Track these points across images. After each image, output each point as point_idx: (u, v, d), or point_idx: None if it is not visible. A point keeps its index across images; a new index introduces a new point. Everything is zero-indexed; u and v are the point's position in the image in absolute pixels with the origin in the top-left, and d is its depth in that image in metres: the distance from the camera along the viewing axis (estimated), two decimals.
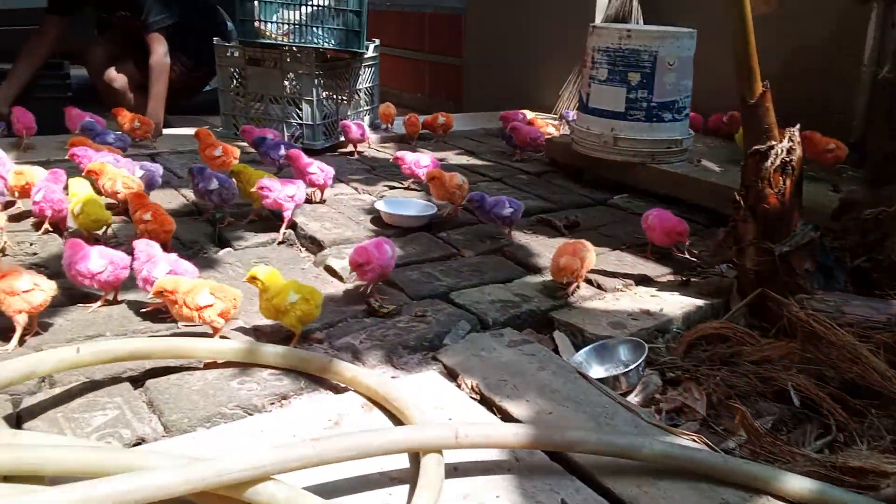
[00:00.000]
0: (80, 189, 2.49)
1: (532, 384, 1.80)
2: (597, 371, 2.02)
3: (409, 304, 2.27)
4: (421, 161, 3.38)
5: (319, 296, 2.00)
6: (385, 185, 3.52)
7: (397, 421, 1.63)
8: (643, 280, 2.54)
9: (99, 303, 2.10)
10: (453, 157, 4.20)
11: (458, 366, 1.90)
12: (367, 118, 4.64)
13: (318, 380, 1.81)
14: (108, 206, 2.60)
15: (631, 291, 2.45)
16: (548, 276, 2.50)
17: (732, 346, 2.06)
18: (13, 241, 2.51)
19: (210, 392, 1.72)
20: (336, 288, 2.40)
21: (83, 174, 2.79)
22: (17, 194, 2.60)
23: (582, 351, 2.05)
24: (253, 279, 1.99)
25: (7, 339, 1.85)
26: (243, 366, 1.84)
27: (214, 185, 2.79)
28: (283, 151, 3.33)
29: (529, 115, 4.94)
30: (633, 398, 1.92)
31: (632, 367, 1.93)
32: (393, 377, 1.89)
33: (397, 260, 2.58)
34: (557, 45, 5.45)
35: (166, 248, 2.35)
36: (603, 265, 2.61)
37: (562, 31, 5.39)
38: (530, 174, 3.87)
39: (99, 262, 2.04)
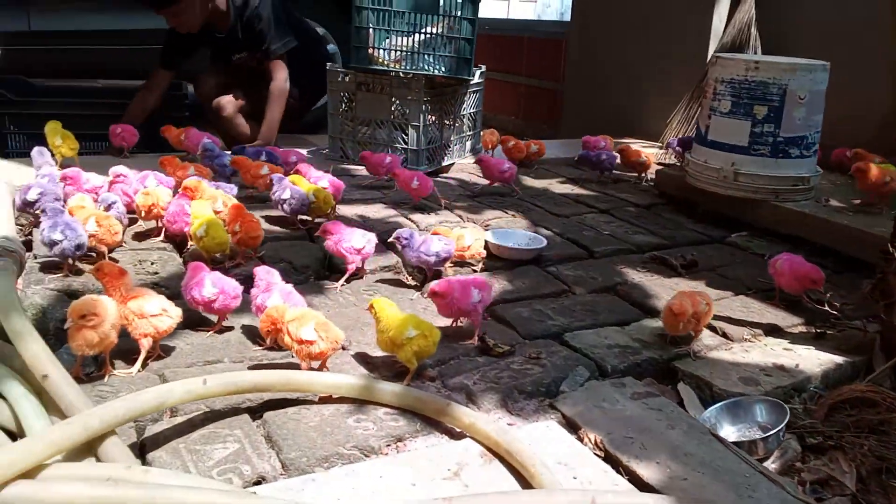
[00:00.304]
0: (203, 211, 2.54)
1: (662, 444, 1.68)
2: (728, 432, 1.88)
3: (521, 344, 2.18)
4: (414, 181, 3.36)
5: (437, 333, 1.95)
6: (491, 214, 3.45)
7: (519, 475, 1.54)
8: (773, 330, 2.37)
9: (212, 330, 2.11)
10: (556, 186, 4.10)
11: (579, 417, 1.80)
12: (468, 143, 4.61)
13: (434, 422, 1.75)
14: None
15: (760, 342, 2.29)
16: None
17: (881, 413, 1.88)
18: (135, 259, 2.58)
19: (327, 429, 1.68)
20: (445, 321, 2.34)
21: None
22: (143, 213, 2.67)
23: (712, 408, 1.91)
24: (371, 309, 1.98)
25: (131, 363, 1.88)
26: (358, 402, 1.80)
27: (287, 194, 2.92)
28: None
29: (631, 142, 4.78)
30: (771, 465, 1.77)
31: (772, 432, 1.78)
32: (509, 423, 1.81)
33: (507, 295, 2.52)
34: (666, 71, 5.28)
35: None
36: (727, 311, 2.46)
37: (672, 57, 5.23)
38: (639, 206, 3.73)
39: (211, 290, 2.05)
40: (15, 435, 1.50)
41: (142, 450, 1.55)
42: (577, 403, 1.86)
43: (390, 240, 2.62)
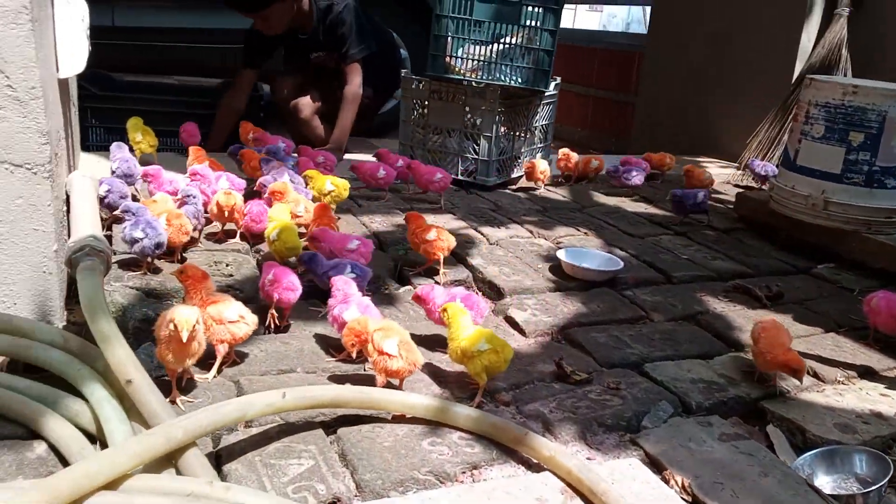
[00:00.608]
0: (279, 215, 2.53)
1: (754, 493, 1.58)
2: (823, 482, 1.76)
3: (599, 372, 2.10)
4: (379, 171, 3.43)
5: (510, 351, 1.90)
6: (562, 230, 3.37)
7: None
8: (867, 372, 2.23)
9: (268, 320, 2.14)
10: (629, 205, 3.98)
11: (664, 456, 1.71)
12: (538, 155, 4.53)
13: (510, 450, 1.69)
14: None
15: (855, 386, 2.15)
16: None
17: None
18: (210, 260, 2.59)
19: (402, 451, 1.63)
20: (518, 342, 2.28)
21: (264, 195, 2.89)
22: (225, 214, 2.67)
23: (806, 455, 1.79)
24: (443, 313, 1.97)
25: (206, 367, 1.87)
26: (432, 423, 1.75)
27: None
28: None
29: (703, 161, 4.63)
30: None
31: (874, 487, 1.65)
32: (588, 458, 1.73)
33: (582, 318, 2.44)
34: (747, 89, 5.10)
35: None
36: (818, 349, 2.32)
37: (755, 74, 5.05)
38: (717, 230, 3.59)
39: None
40: (94, 437, 1.50)
41: (217, 460, 1.53)
42: (661, 441, 1.77)
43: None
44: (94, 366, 1.60)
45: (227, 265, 2.56)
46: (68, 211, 2.28)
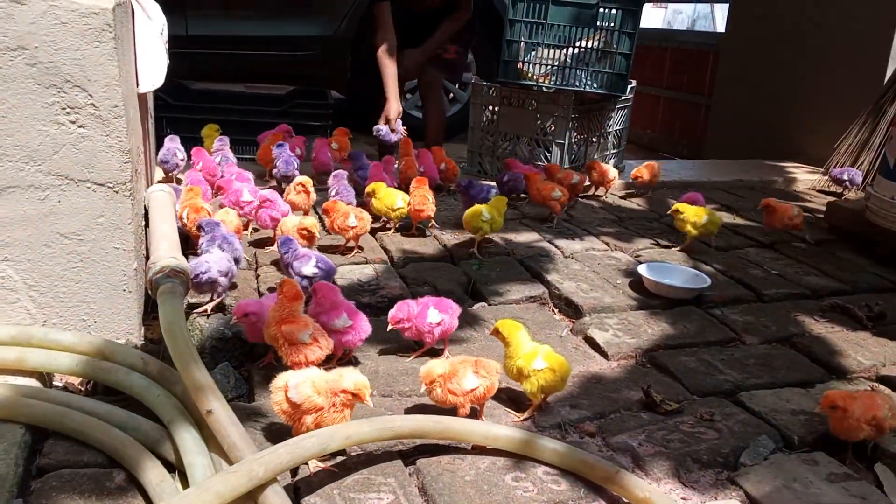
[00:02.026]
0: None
1: None
2: None
3: (690, 401, 1.97)
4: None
5: (568, 369, 1.84)
6: (641, 243, 3.23)
7: None
8: None
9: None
10: None
11: (767, 499, 1.58)
12: (612, 161, 4.39)
13: (600, 489, 1.59)
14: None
15: None
16: (858, 386, 2.09)
17: None
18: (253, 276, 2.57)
19: (484, 487, 1.55)
20: (600, 366, 2.17)
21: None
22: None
23: None
24: (496, 332, 1.91)
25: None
26: (515, 456, 1.66)
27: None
28: None
29: (789, 167, 4.38)
30: None
31: None
32: (682, 498, 1.62)
33: (668, 340, 2.31)
34: (834, 89, 4.83)
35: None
36: None
37: (842, 74, 4.77)
38: (807, 242, 3.38)
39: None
40: (173, 465, 1.48)
41: (296, 492, 1.49)
42: (763, 481, 1.64)
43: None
44: (172, 390, 1.58)
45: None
46: (146, 225, 2.29)
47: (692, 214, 3.05)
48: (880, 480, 1.74)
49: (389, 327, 2.06)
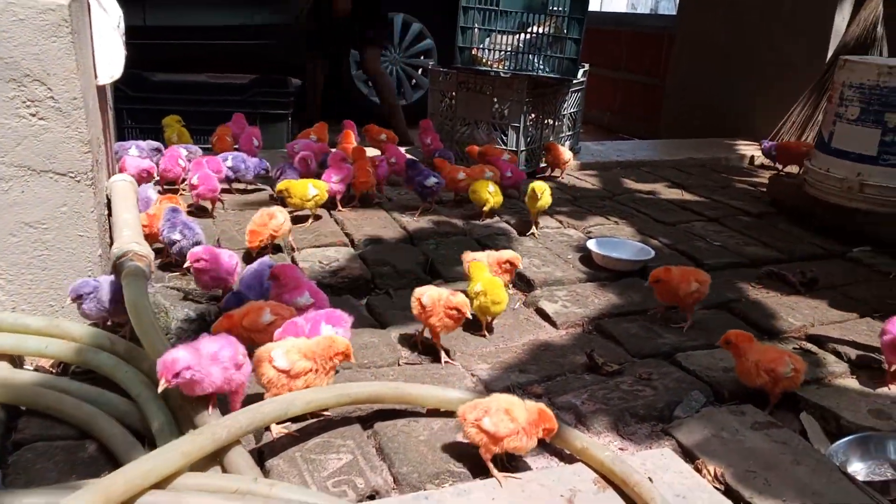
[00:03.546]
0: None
1: (788, 481, 1.59)
2: (857, 469, 1.76)
3: (630, 363, 2.12)
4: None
5: (501, 293, 2.19)
6: (593, 220, 3.37)
7: None
8: None
9: None
10: (662, 191, 3.96)
11: (697, 447, 1.72)
12: (567, 143, 4.52)
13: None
14: None
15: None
16: (788, 345, 2.25)
17: None
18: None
19: (437, 445, 1.68)
20: (549, 334, 2.31)
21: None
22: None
23: (840, 443, 1.79)
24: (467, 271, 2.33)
25: None
26: None
27: (432, 180, 3.18)
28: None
29: (739, 144, 4.56)
30: None
31: None
32: (620, 448, 1.76)
33: (614, 309, 2.45)
34: (779, 70, 5.01)
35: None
36: (853, 335, 2.31)
37: (786, 55, 4.96)
38: (751, 215, 3.55)
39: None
40: (143, 435, 1.57)
41: (260, 456, 1.59)
42: (694, 431, 1.78)
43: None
44: (140, 367, 1.67)
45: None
46: (109, 214, 2.36)
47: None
48: (804, 428, 1.90)
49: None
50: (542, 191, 2.99)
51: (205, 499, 1.21)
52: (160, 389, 1.41)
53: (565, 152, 4.01)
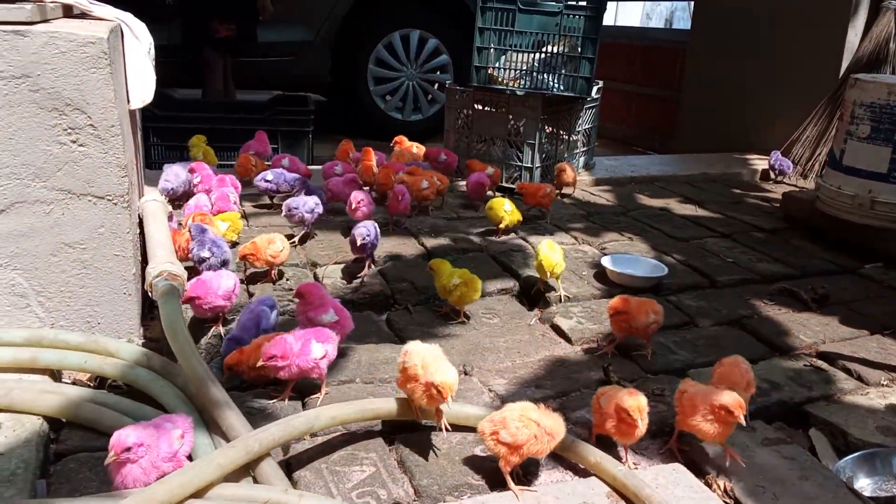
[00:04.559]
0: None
1: (795, 496, 1.65)
2: (864, 484, 1.81)
3: (644, 379, 2.18)
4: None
5: (478, 283, 2.46)
6: (608, 236, 3.43)
7: None
8: None
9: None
10: (676, 206, 4.02)
11: (708, 463, 1.78)
12: (581, 159, 4.59)
13: (559, 457, 1.78)
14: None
15: None
16: (798, 362, 2.30)
17: None
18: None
19: (456, 458, 1.75)
20: (564, 350, 2.37)
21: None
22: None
23: (847, 459, 1.84)
24: (430, 269, 2.53)
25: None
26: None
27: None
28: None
29: (752, 159, 4.60)
30: None
31: None
32: (633, 463, 1.81)
33: None
34: (793, 86, 5.05)
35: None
36: (862, 352, 2.36)
37: (800, 71, 5.00)
38: (764, 231, 3.60)
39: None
40: None
41: (288, 467, 1.67)
42: (705, 447, 1.84)
43: None
44: (174, 382, 1.76)
45: (288, 279, 2.71)
46: (141, 232, 2.46)
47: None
48: (813, 444, 1.96)
49: (260, 362, 1.83)
50: (499, 205, 3.19)
51: None
52: (106, 462, 1.41)
53: (568, 171, 4.00)
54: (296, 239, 3.04)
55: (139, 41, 2.57)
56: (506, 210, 3.22)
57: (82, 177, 1.98)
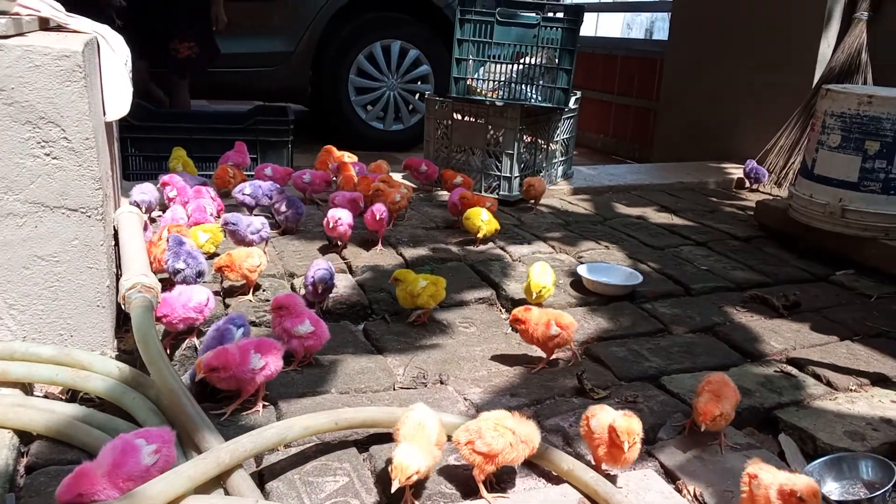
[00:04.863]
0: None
1: None
2: (832, 488, 1.83)
3: (617, 386, 2.20)
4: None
5: (443, 281, 2.55)
6: (585, 245, 3.46)
7: None
8: (880, 380, 2.30)
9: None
10: (652, 215, 4.07)
11: (678, 468, 1.81)
12: (560, 169, 4.63)
13: (532, 464, 1.80)
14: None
15: (867, 393, 2.22)
16: (769, 368, 2.34)
17: None
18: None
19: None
20: (539, 357, 2.39)
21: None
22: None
23: (815, 463, 1.87)
24: (394, 279, 2.54)
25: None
26: None
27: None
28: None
29: (729, 168, 4.67)
30: None
31: (879, 492, 1.73)
32: (605, 470, 1.83)
33: (602, 333, 2.54)
34: (768, 95, 5.14)
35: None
36: (832, 358, 2.40)
37: (775, 81, 5.08)
38: (739, 239, 3.65)
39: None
40: None
41: (261, 478, 1.67)
42: (676, 453, 1.87)
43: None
44: (146, 394, 1.76)
45: (264, 290, 2.71)
46: (116, 244, 2.45)
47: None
48: (782, 449, 1.98)
49: (199, 376, 1.83)
50: (475, 215, 3.26)
51: None
52: None
53: (538, 185, 3.97)
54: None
55: (115, 53, 2.57)
56: (483, 220, 3.25)
57: (56, 189, 1.98)
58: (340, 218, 3.03)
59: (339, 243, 3.18)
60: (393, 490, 1.50)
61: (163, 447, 1.50)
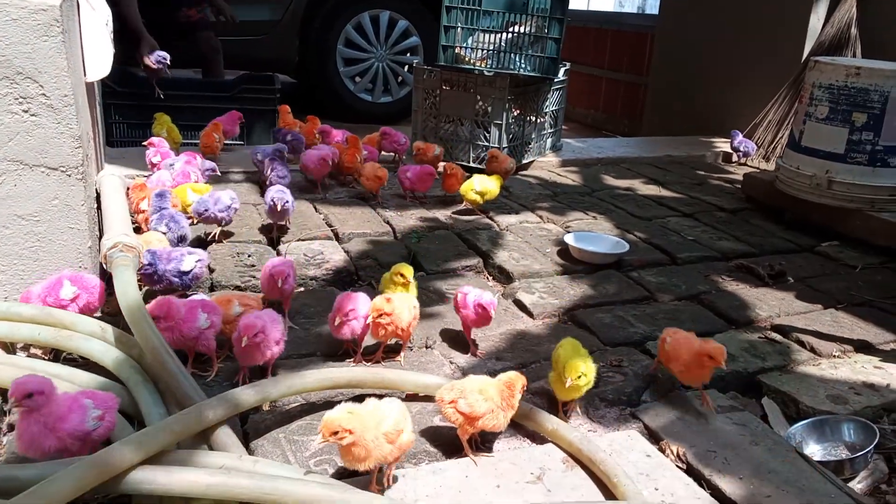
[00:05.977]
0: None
1: (745, 460, 1.69)
2: (814, 450, 1.86)
3: (603, 351, 2.21)
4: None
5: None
6: (573, 215, 3.46)
7: (600, 483, 1.59)
8: (863, 347, 2.32)
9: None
10: (640, 187, 4.06)
11: (662, 429, 1.82)
12: (549, 140, 4.61)
13: (517, 425, 1.80)
14: None
15: (850, 359, 2.24)
16: (754, 334, 2.35)
17: None
18: (232, 251, 2.72)
19: (415, 427, 1.74)
20: (526, 324, 2.39)
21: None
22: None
23: (798, 425, 1.89)
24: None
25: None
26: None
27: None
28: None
29: (718, 142, 4.66)
30: (856, 486, 1.75)
31: (861, 453, 1.75)
32: (590, 430, 1.84)
33: (588, 300, 2.54)
34: (758, 69, 5.12)
35: None
36: (816, 325, 2.41)
37: (765, 55, 5.07)
38: (725, 210, 3.66)
39: None
40: (132, 418, 1.64)
41: (246, 437, 1.67)
42: (660, 415, 1.88)
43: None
44: (129, 353, 1.74)
45: (249, 255, 2.69)
46: (99, 208, 2.42)
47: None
48: (765, 412, 2.00)
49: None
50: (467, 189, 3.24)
51: (192, 473, 1.28)
52: (8, 407, 1.37)
53: (509, 161, 3.77)
54: (215, 233, 2.79)
55: (96, 11, 2.52)
56: (477, 190, 3.22)
57: (35, 147, 1.94)
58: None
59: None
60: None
61: (107, 414, 1.46)
